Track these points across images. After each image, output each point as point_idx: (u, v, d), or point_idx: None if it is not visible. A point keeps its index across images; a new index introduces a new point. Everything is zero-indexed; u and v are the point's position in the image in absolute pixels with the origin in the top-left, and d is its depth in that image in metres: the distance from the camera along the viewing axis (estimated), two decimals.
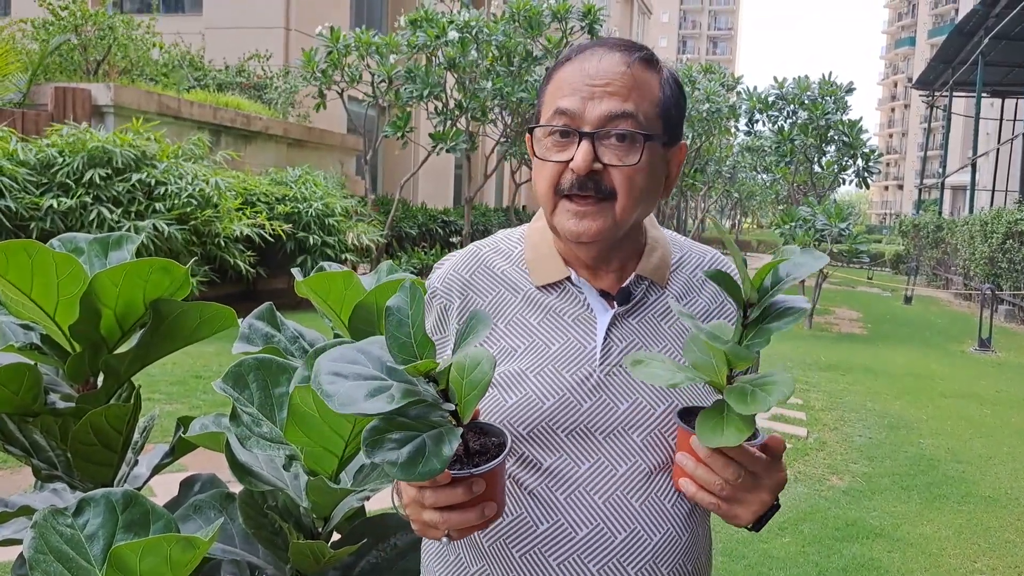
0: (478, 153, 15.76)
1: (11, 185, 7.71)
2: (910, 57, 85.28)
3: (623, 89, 1.06)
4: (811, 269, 0.98)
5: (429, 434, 0.88)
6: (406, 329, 0.91)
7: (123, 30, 12.43)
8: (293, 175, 11.37)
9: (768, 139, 17.63)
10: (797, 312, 0.98)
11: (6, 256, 1.16)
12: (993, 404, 7.72)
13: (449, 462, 0.86)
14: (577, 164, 1.05)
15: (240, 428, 1.23)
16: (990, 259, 15.39)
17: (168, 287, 1.26)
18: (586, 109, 1.06)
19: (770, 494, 1.04)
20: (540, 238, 1.19)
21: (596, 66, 1.07)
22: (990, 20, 18.49)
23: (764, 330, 0.98)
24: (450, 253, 1.27)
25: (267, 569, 1.40)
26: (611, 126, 1.05)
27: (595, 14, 13.41)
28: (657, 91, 1.09)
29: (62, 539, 1.07)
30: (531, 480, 1.09)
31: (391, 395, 0.86)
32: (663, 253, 1.19)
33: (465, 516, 0.94)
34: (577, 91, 1.07)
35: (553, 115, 1.08)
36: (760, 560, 3.87)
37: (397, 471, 0.84)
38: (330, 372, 0.87)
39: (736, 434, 0.94)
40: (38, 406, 1.29)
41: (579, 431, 1.10)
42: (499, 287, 1.18)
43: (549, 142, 1.09)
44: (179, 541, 0.99)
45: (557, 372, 1.11)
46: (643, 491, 1.09)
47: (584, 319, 1.14)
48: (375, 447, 0.85)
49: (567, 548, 1.07)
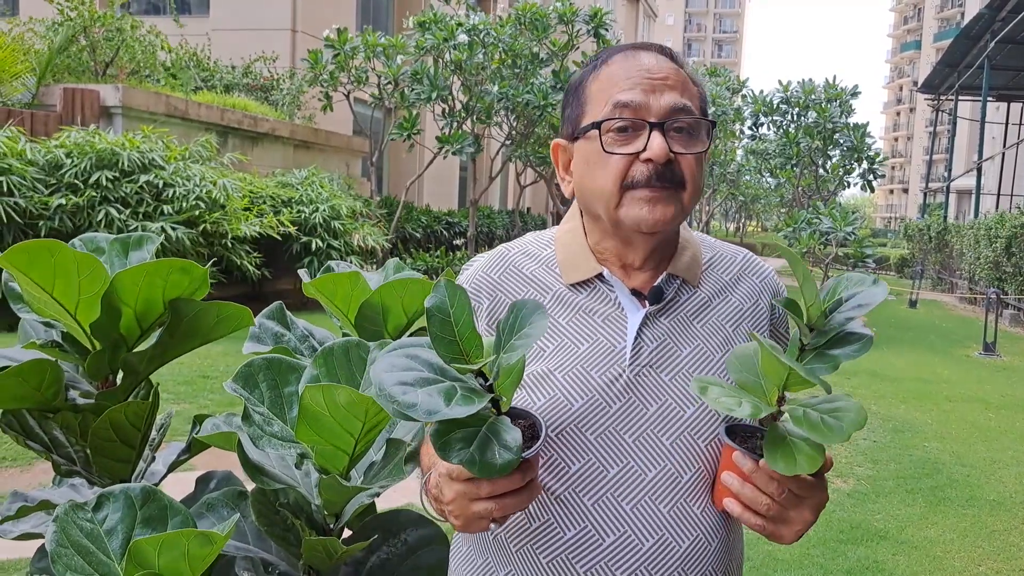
0: (483, 155, 15.77)
1: (20, 183, 7.78)
2: (916, 61, 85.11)
3: (679, 84, 1.09)
4: (878, 298, 0.96)
5: (486, 427, 0.88)
6: (450, 328, 0.90)
7: (130, 32, 12.48)
8: (299, 176, 11.41)
9: (773, 142, 17.64)
10: (864, 340, 0.95)
11: (29, 255, 1.18)
12: (998, 408, 7.71)
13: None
14: (656, 153, 1.05)
15: (252, 428, 1.25)
16: (995, 263, 15.36)
17: (187, 287, 1.28)
18: (650, 101, 1.07)
19: (812, 513, 1.01)
20: (572, 239, 1.19)
21: (651, 62, 1.10)
22: (996, 24, 18.47)
23: (828, 356, 0.96)
24: (478, 255, 1.27)
25: (280, 565, 1.42)
26: (676, 117, 1.07)
27: (601, 17, 13.43)
28: (698, 90, 1.13)
29: (82, 533, 1.09)
30: (558, 485, 1.08)
31: (465, 396, 0.86)
32: (694, 252, 1.19)
33: (520, 499, 0.94)
34: (637, 84, 1.08)
35: (613, 109, 1.08)
36: (764, 562, 3.89)
37: (478, 469, 0.84)
38: (397, 383, 0.85)
39: (810, 463, 0.92)
40: (59, 402, 1.32)
41: (608, 433, 1.08)
42: (528, 288, 1.17)
43: (610, 137, 1.08)
44: (197, 536, 1.01)
45: (586, 372, 1.10)
46: (672, 496, 1.07)
47: (615, 318, 1.13)
48: (447, 449, 0.85)
49: (594, 555, 1.06)
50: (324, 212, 10.63)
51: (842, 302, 0.98)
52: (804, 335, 1.00)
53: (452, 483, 0.95)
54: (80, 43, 12.01)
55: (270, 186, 10.67)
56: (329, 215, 10.71)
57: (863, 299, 0.97)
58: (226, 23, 17.02)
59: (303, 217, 10.45)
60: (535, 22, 13.01)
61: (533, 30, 13.06)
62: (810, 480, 1.00)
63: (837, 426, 0.91)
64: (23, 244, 1.16)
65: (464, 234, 16.45)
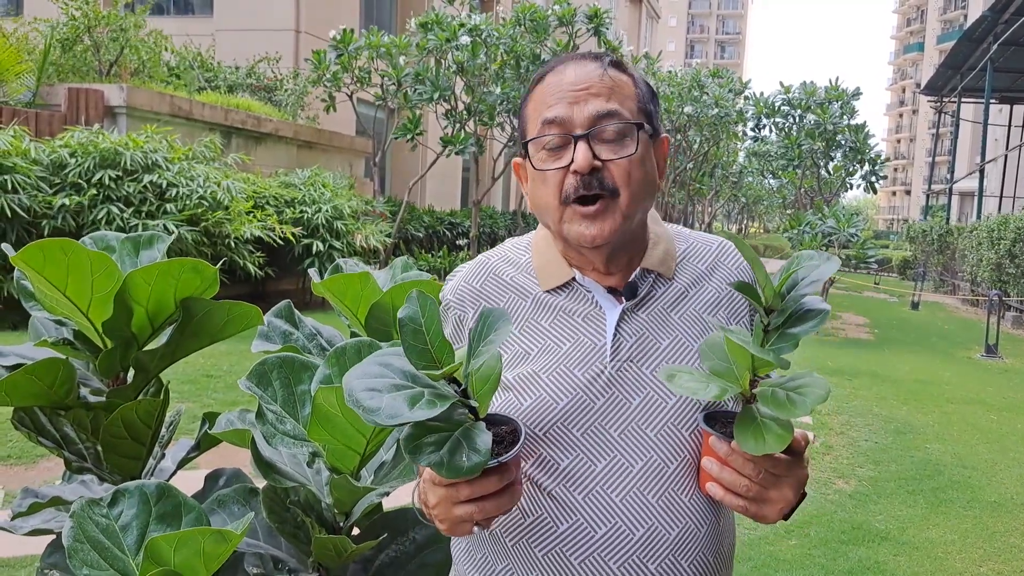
0: (485, 156, 15.79)
1: (24, 182, 7.81)
2: (919, 63, 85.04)
3: (604, 90, 1.11)
4: (827, 273, 1.00)
5: (459, 432, 0.92)
6: (422, 337, 0.94)
7: (134, 32, 12.51)
8: (302, 176, 11.43)
9: (775, 144, 17.64)
10: (820, 314, 0.99)
11: (43, 254, 1.20)
12: (999, 410, 7.71)
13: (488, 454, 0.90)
14: (579, 163, 1.08)
15: (265, 426, 1.27)
16: (997, 265, 15.35)
17: (198, 286, 1.30)
18: (574, 113, 1.10)
19: (793, 491, 1.05)
20: (546, 245, 1.22)
21: (573, 74, 1.12)
22: (999, 26, 18.46)
23: (788, 335, 0.99)
24: (460, 265, 1.30)
25: (289, 562, 1.43)
26: (600, 124, 1.10)
27: (601, 17, 13.43)
28: (633, 88, 1.14)
29: (98, 528, 1.10)
30: (549, 481, 1.11)
31: (430, 400, 0.90)
32: (667, 246, 1.21)
33: (500, 502, 0.98)
34: (561, 99, 1.11)
35: (542, 127, 1.11)
36: (766, 562, 3.89)
37: (445, 471, 0.88)
38: (365, 389, 0.90)
39: (778, 441, 0.95)
40: (71, 400, 1.33)
41: (594, 429, 1.11)
42: (509, 293, 1.21)
43: (543, 155, 1.12)
44: (212, 534, 1.02)
45: (569, 371, 1.13)
46: (659, 486, 1.10)
47: (593, 317, 1.16)
48: (417, 452, 0.89)
49: (587, 547, 1.09)
50: (327, 212, 10.64)
51: (797, 281, 1.02)
52: (762, 317, 1.03)
53: (435, 488, 1.00)
54: (84, 43, 12.04)
55: (273, 186, 10.69)
56: (332, 215, 10.73)
57: (815, 275, 1.01)
58: (230, 23, 17.04)
59: (306, 217, 10.47)
60: (535, 23, 13.02)
61: (534, 32, 13.07)
62: (785, 459, 1.03)
63: (800, 401, 0.95)
64: (38, 243, 1.18)
65: (467, 235, 16.45)
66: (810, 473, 5.27)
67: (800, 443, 1.06)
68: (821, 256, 1.03)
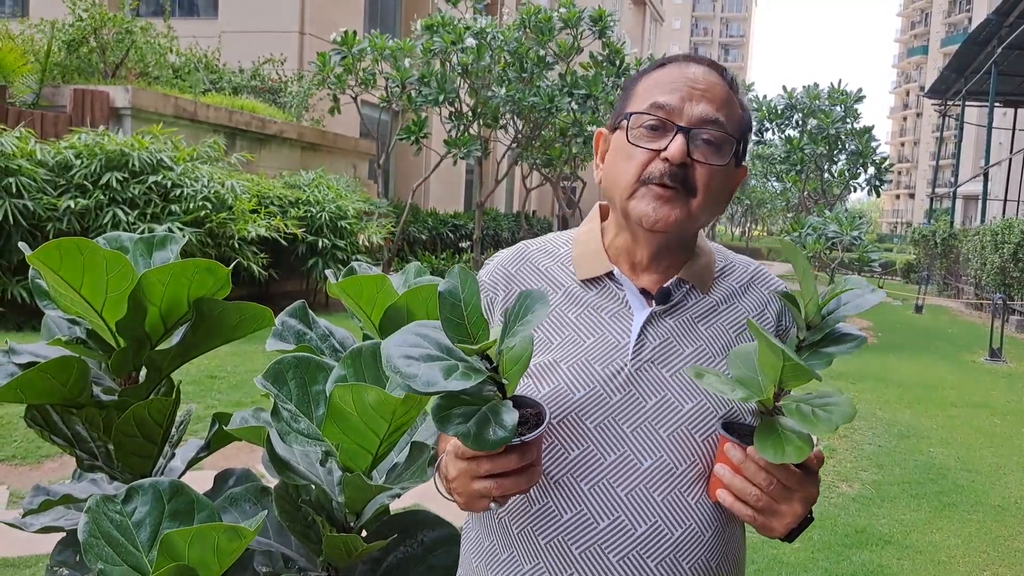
0: (489, 158, 15.81)
1: (29, 185, 7.82)
2: (923, 66, 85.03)
3: (718, 99, 1.14)
4: (870, 302, 1.02)
5: (487, 407, 0.94)
6: (459, 311, 0.96)
7: (140, 34, 12.55)
8: (307, 178, 11.45)
9: (778, 147, 17.65)
10: (856, 340, 1.01)
11: (59, 253, 1.21)
12: (1003, 414, 7.71)
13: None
14: (672, 152, 1.10)
15: (280, 424, 1.28)
16: (1001, 269, 15.33)
17: (211, 287, 1.31)
18: (685, 107, 1.13)
19: (803, 506, 1.05)
20: (589, 238, 1.25)
21: (697, 72, 1.15)
22: (1003, 30, 18.45)
23: (823, 354, 1.01)
24: (500, 250, 1.33)
25: (299, 561, 1.44)
26: (704, 127, 1.12)
27: (605, 20, 13.45)
28: (740, 112, 1.18)
29: (112, 524, 1.12)
30: (557, 470, 1.13)
31: (464, 372, 0.92)
32: (708, 261, 1.24)
33: (518, 481, 1.00)
34: (677, 89, 1.13)
35: (651, 107, 1.14)
36: (769, 565, 3.90)
37: (472, 442, 0.91)
38: (403, 356, 0.93)
39: (797, 452, 0.96)
40: (84, 398, 1.34)
41: (607, 423, 1.12)
42: (542, 282, 1.23)
43: (640, 132, 1.14)
44: (227, 530, 1.04)
45: (589, 365, 1.15)
46: (667, 486, 1.11)
47: (621, 315, 1.18)
48: (446, 422, 0.92)
49: (589, 537, 1.10)
50: (331, 211, 10.67)
51: (841, 304, 1.03)
52: (801, 330, 1.05)
53: (456, 461, 1.02)
54: (90, 44, 12.08)
55: (277, 187, 10.71)
56: (336, 215, 10.75)
57: (859, 302, 1.03)
58: (235, 25, 17.09)
59: (310, 216, 10.49)
60: (539, 27, 13.04)
61: (538, 34, 13.10)
62: (799, 473, 1.04)
63: (826, 418, 0.96)
64: (55, 241, 1.19)
65: (470, 236, 16.47)
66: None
67: (814, 461, 1.07)
68: (867, 286, 1.05)
